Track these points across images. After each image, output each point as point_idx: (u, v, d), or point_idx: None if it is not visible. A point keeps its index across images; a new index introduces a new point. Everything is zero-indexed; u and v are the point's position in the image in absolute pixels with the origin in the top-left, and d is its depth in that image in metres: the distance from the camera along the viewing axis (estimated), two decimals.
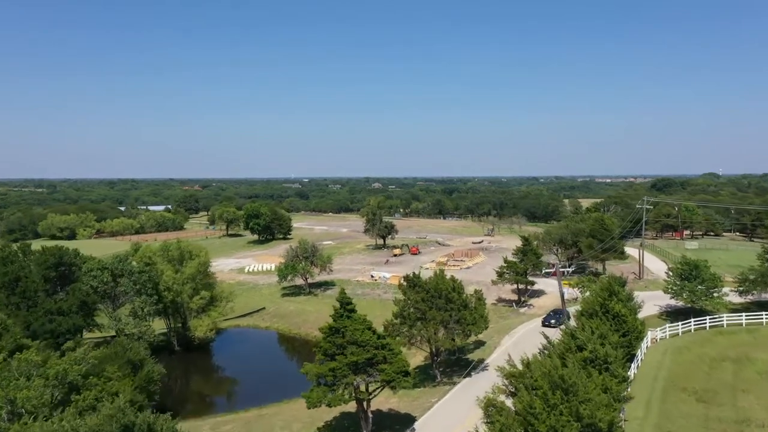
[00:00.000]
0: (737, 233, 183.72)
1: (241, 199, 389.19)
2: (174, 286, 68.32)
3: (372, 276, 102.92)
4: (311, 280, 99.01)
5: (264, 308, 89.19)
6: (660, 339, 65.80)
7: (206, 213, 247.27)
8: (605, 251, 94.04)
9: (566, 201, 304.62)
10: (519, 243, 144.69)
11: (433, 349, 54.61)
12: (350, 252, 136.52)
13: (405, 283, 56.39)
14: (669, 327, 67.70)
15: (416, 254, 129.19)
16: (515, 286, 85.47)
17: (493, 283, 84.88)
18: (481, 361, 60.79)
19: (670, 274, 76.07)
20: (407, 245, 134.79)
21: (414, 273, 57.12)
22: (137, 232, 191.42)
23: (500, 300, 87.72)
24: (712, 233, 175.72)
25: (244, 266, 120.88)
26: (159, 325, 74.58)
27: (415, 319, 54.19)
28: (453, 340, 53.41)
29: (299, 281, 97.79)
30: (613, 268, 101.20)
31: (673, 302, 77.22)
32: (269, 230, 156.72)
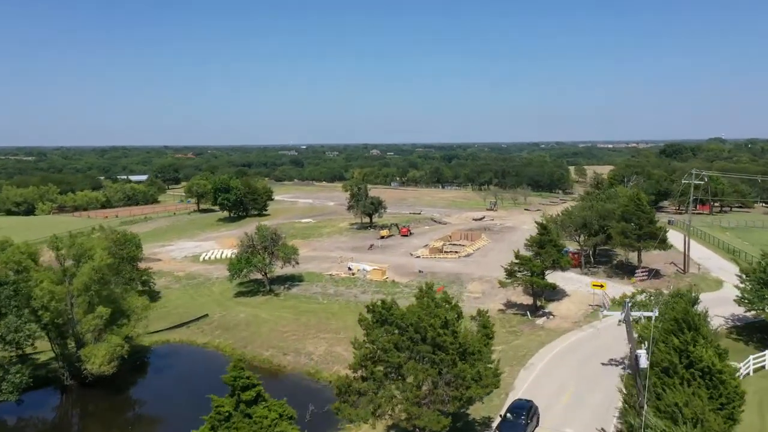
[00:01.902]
0: (763, 204, 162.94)
1: (233, 167, 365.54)
2: (52, 303, 47.19)
3: (349, 268, 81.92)
4: (274, 274, 78.28)
5: (207, 315, 68.35)
6: (743, 377, 45.05)
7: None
8: (641, 238, 72.69)
9: (571, 168, 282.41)
10: (526, 219, 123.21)
11: (416, 429, 33.66)
12: (331, 233, 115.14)
13: (368, 317, 35.27)
14: (753, 360, 46.92)
15: (407, 236, 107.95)
16: (530, 286, 64.46)
17: (501, 284, 63.83)
18: (488, 422, 40.09)
19: (744, 277, 54.82)
20: (397, 225, 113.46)
21: (382, 301, 35.81)
22: (103, 207, 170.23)
23: (509, 304, 66.76)
24: (739, 206, 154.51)
25: (202, 252, 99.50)
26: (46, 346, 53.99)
27: (384, 375, 33.41)
28: (446, 414, 32.50)
29: (259, 274, 76.81)
30: (648, 257, 79.90)
31: (742, 312, 56.49)
32: (242, 206, 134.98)
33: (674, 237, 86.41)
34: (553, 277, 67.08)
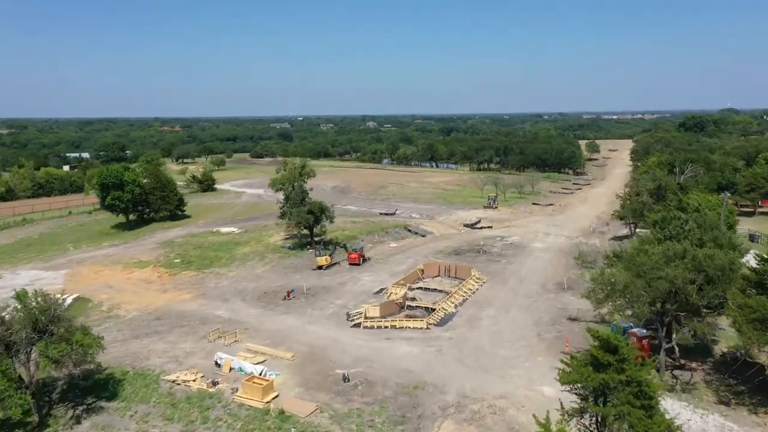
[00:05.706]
0: None
1: (217, 141, 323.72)
2: None
3: (217, 364, 42.29)
4: (71, 370, 39.17)
5: None
6: None
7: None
8: None
9: (582, 143, 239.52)
10: (538, 224, 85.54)
11: None
12: (248, 256, 74.32)
13: None
14: None
15: (357, 265, 67.90)
16: None
17: None
18: None
19: None
20: (345, 245, 73.21)
21: None
22: (3, 199, 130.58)
23: None
24: None
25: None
26: None
27: None
28: None
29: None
30: None
31: None
32: (147, 206, 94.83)
33: None
34: None
